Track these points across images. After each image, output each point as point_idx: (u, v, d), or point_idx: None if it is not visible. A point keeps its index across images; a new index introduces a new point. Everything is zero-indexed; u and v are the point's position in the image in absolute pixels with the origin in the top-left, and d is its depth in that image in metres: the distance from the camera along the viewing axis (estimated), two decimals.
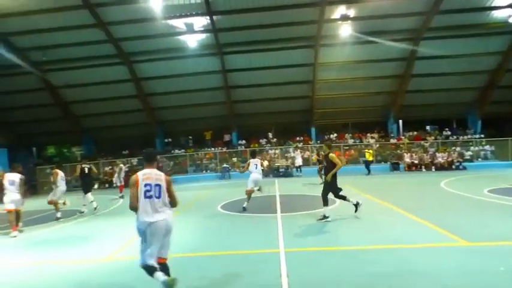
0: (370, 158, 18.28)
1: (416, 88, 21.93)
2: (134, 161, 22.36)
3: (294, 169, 19.80)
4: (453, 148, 20.99)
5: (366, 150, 18.90)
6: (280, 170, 20.13)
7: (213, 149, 23.32)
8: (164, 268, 3.70)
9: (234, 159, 21.47)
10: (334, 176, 7.19)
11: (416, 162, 20.06)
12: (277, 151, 22.07)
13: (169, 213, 3.81)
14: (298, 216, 8.03)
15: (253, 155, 10.09)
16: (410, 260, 4.70)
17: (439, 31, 19.00)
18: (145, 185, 3.68)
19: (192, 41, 19.14)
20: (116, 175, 15.27)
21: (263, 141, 23.57)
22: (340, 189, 7.42)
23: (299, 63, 20.97)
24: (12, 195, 8.15)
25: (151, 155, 4.06)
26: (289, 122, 24.34)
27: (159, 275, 3.51)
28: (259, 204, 9.89)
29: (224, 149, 22.96)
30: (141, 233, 3.70)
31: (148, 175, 3.75)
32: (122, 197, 14.39)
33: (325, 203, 7.26)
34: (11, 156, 20.36)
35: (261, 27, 18.57)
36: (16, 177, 8.28)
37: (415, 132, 23.39)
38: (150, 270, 3.59)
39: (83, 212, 10.45)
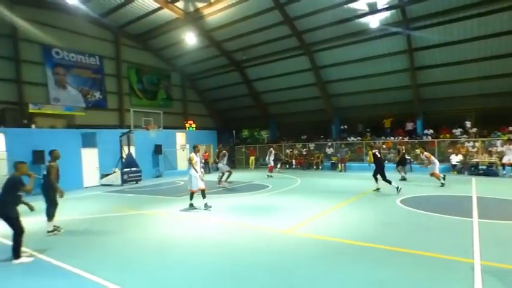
0: None
1: None
2: (311, 145, 23.76)
3: (501, 167, 15.61)
4: None
5: None
6: (480, 167, 16.36)
7: (392, 138, 21.56)
8: (203, 192, 9.04)
9: (417, 150, 19.09)
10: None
11: None
12: (476, 144, 17.97)
13: (197, 173, 9.05)
14: (504, 226, 6.45)
15: None
16: None
17: None
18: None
19: (374, 22, 17.94)
20: (267, 157, 17.06)
21: (457, 131, 19.61)
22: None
23: None
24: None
25: (194, 147, 9.61)
26: (497, 107, 18.85)
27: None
28: (450, 204, 8.55)
29: (406, 139, 20.74)
30: None
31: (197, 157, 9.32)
32: (270, 176, 16.06)
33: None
34: (218, 136, 26.73)
35: None
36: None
37: None
38: (203, 192, 9.13)
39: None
